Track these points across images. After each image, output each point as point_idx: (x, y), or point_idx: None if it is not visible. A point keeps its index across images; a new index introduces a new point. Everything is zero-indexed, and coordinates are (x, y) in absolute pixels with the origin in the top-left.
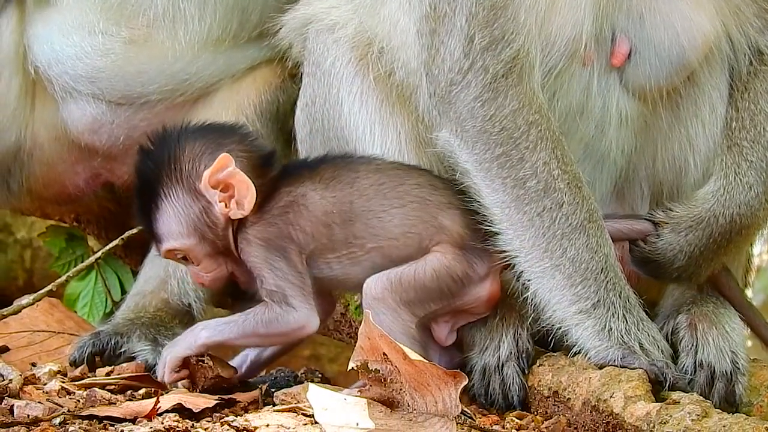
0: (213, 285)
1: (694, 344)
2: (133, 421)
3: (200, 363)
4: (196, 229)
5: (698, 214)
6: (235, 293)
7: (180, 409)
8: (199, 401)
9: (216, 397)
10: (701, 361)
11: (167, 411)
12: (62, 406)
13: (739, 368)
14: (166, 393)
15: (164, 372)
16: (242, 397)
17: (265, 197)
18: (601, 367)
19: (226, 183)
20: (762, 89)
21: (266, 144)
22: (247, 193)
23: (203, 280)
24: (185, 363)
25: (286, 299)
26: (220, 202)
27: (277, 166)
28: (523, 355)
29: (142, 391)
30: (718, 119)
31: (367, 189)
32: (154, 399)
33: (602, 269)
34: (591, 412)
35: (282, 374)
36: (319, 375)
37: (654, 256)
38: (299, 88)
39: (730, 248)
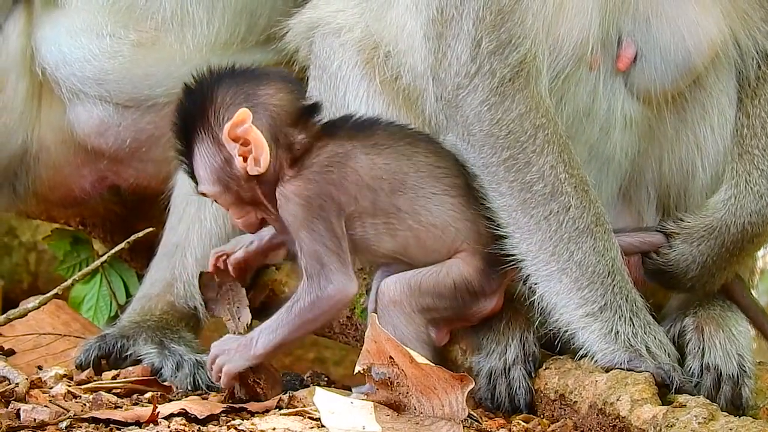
0: (246, 229)
1: (701, 347)
2: (140, 425)
3: (256, 382)
4: (219, 178)
5: (709, 224)
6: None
7: (186, 413)
8: (203, 408)
9: (224, 405)
10: (708, 363)
11: (174, 414)
12: (68, 410)
13: (745, 371)
14: (169, 400)
15: (223, 382)
16: (255, 407)
17: (306, 151)
18: (607, 371)
19: (245, 138)
20: None
21: (302, 87)
22: (262, 151)
23: (236, 224)
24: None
25: (323, 268)
26: (239, 155)
27: (321, 119)
28: (530, 359)
29: (148, 395)
30: (727, 123)
31: (424, 166)
32: (153, 405)
33: (609, 273)
34: (597, 415)
35: (288, 378)
36: (325, 378)
37: (667, 267)
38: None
39: (743, 256)
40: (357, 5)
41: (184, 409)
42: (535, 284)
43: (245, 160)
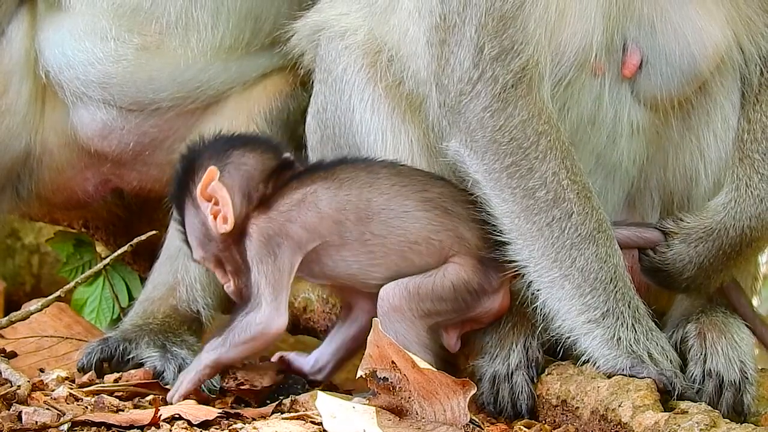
0: (231, 296)
1: (703, 353)
2: (141, 428)
3: (241, 388)
4: (201, 242)
5: (708, 226)
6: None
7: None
8: (199, 413)
9: (219, 410)
10: (710, 370)
11: (175, 418)
12: (70, 413)
13: (747, 378)
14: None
15: (177, 396)
16: (250, 412)
17: (275, 198)
18: (609, 377)
19: (215, 197)
20: None
21: (283, 148)
22: (228, 207)
23: (227, 291)
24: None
25: (257, 299)
26: (210, 214)
27: (294, 168)
28: (533, 364)
29: (149, 398)
30: (729, 129)
31: (388, 188)
32: (155, 409)
33: (611, 279)
34: (599, 421)
35: (290, 381)
36: (327, 382)
37: (663, 266)
38: (310, 96)
39: (740, 260)
40: (361, 9)
41: (183, 413)
42: (538, 290)
43: (215, 218)
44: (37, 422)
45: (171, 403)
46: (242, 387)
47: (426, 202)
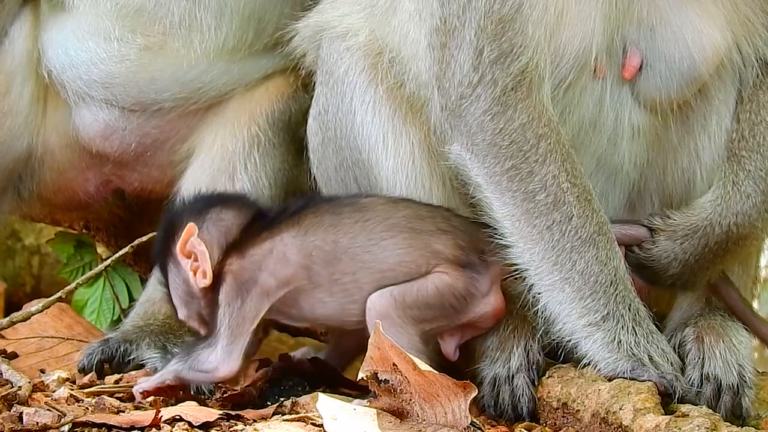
0: None
1: (701, 357)
2: (142, 429)
3: (219, 390)
4: (184, 301)
5: (695, 223)
6: None
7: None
8: (200, 414)
9: (219, 412)
10: (708, 374)
11: (176, 419)
12: (71, 414)
13: (745, 381)
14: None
15: (137, 390)
16: (250, 414)
17: (249, 246)
18: (610, 379)
19: (194, 252)
20: (765, 100)
21: (258, 203)
22: (206, 262)
23: None
24: None
25: (215, 336)
26: (191, 270)
27: (266, 216)
28: (534, 367)
29: (149, 399)
30: (723, 132)
31: (351, 227)
32: (156, 410)
33: (611, 282)
34: (600, 424)
35: (291, 383)
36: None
37: (648, 262)
38: (311, 98)
39: (727, 258)
40: (362, 10)
41: (183, 415)
42: (539, 294)
43: (195, 274)
44: (37, 423)
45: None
46: (226, 395)
47: (391, 229)
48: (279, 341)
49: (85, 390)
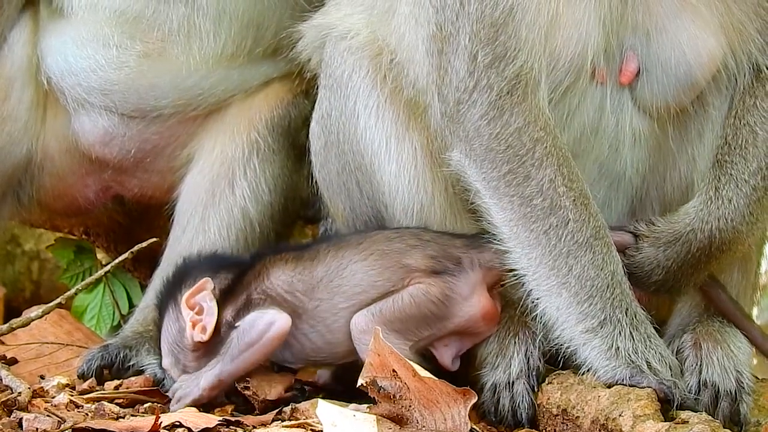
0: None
1: (699, 363)
2: None
3: (245, 388)
4: (171, 350)
5: (678, 230)
6: None
7: (187, 425)
8: (200, 420)
9: (219, 418)
10: (705, 380)
11: (176, 425)
12: (70, 420)
13: (743, 387)
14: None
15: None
16: (250, 420)
17: (241, 291)
18: (609, 386)
19: (200, 306)
20: (750, 104)
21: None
22: (212, 320)
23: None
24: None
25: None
26: (190, 321)
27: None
28: (534, 373)
29: (146, 405)
30: (716, 138)
31: (325, 257)
32: (155, 416)
33: (608, 286)
34: (600, 430)
35: (290, 390)
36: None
37: (632, 269)
38: (312, 104)
39: (711, 264)
40: (364, 10)
41: (183, 421)
42: (537, 299)
43: (194, 327)
44: (37, 429)
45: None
46: (246, 392)
47: (360, 253)
48: None
49: (85, 396)
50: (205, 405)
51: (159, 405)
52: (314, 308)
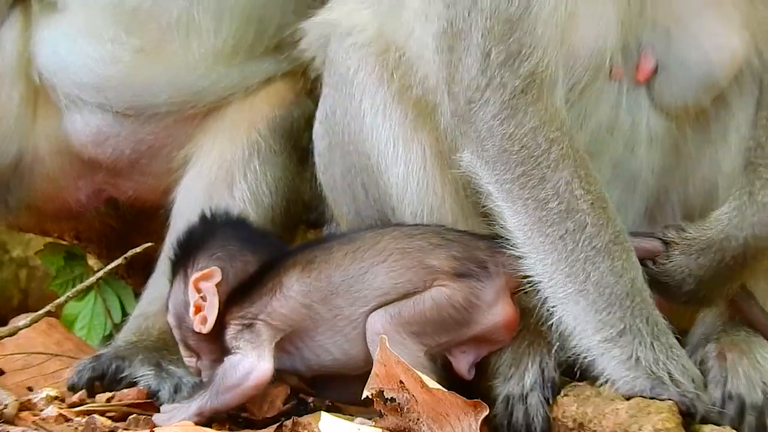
0: (192, 372)
1: (723, 375)
2: None
3: (241, 416)
4: (177, 315)
5: (711, 237)
6: None
7: None
8: None
9: (219, 430)
10: (730, 392)
11: None
12: None
13: None
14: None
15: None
16: None
17: (255, 293)
18: (629, 398)
19: (205, 294)
20: None
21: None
22: (213, 313)
23: (187, 364)
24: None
25: (239, 348)
26: (194, 305)
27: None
28: (549, 385)
29: (142, 419)
30: (742, 140)
31: (342, 259)
32: (149, 430)
33: (628, 294)
34: None
35: (292, 402)
36: (329, 402)
37: (662, 278)
38: (316, 104)
39: (745, 272)
40: (370, 5)
41: None
42: (553, 307)
43: (197, 312)
44: None
45: None
46: (242, 415)
47: (380, 254)
48: None
49: (75, 409)
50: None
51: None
52: (333, 317)
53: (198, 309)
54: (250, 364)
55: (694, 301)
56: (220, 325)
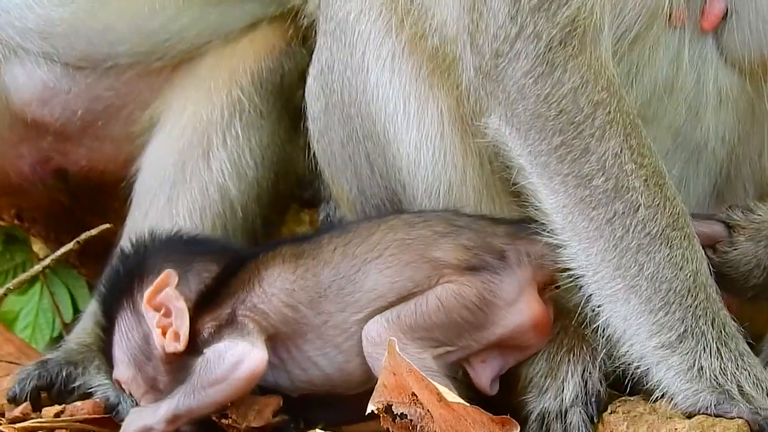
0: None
1: None
2: None
3: (223, 416)
4: (136, 359)
5: None
6: None
7: None
8: None
9: None
10: None
11: None
12: None
13: None
14: None
15: None
16: None
17: (223, 292)
18: (690, 416)
19: (167, 307)
20: None
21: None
22: (183, 322)
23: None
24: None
25: (228, 335)
26: (157, 327)
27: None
28: (593, 399)
29: None
30: None
31: (331, 255)
32: None
33: (689, 290)
34: None
35: (284, 419)
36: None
37: (724, 269)
38: (311, 54)
39: None
40: None
41: None
42: (599, 306)
43: (164, 333)
44: None
45: None
46: (224, 422)
47: (373, 249)
48: None
49: (17, 425)
50: None
51: None
52: (322, 324)
53: (164, 330)
54: (241, 350)
55: (764, 297)
56: (193, 341)
